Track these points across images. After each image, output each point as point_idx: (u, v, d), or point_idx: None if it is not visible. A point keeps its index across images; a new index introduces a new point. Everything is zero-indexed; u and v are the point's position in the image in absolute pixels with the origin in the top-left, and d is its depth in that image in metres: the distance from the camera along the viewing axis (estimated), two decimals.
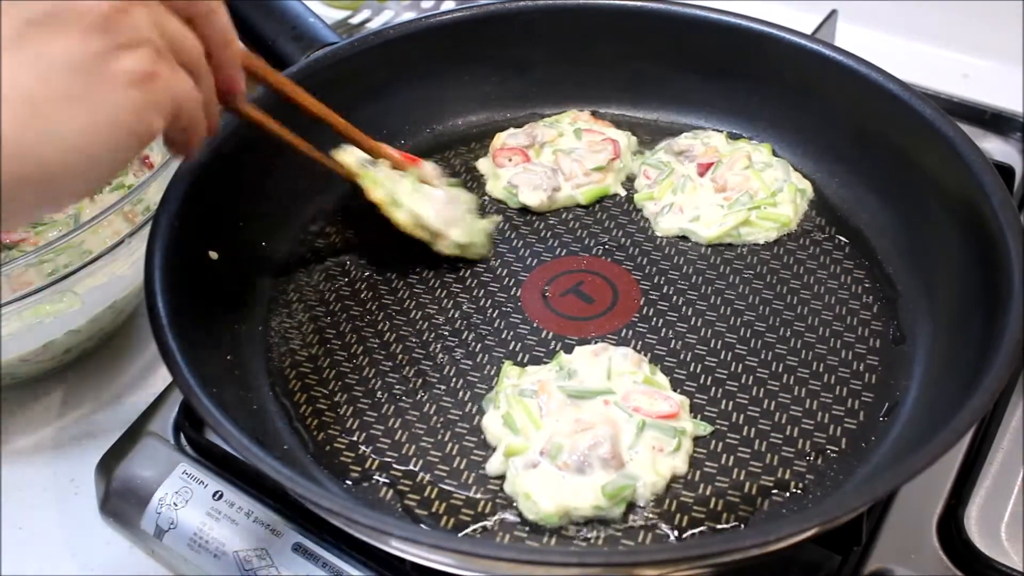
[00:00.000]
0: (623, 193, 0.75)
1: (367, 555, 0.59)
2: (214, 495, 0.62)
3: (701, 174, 0.73)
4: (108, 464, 0.65)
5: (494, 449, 0.57)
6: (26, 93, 0.40)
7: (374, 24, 1.07)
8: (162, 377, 0.75)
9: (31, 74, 0.40)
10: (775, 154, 0.75)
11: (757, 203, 0.70)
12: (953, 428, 0.47)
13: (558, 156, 0.74)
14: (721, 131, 0.77)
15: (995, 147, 0.85)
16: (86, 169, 0.42)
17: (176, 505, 0.61)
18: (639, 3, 0.77)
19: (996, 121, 0.87)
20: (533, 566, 0.45)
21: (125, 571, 0.65)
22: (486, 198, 0.75)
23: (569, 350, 0.62)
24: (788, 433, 0.58)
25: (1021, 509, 0.59)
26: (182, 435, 0.66)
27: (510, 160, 0.75)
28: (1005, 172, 0.75)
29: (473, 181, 0.76)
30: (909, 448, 0.54)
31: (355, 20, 1.08)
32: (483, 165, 0.77)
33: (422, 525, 0.54)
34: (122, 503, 0.63)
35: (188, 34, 0.47)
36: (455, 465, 0.57)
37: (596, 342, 0.63)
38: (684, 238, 0.71)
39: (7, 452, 0.72)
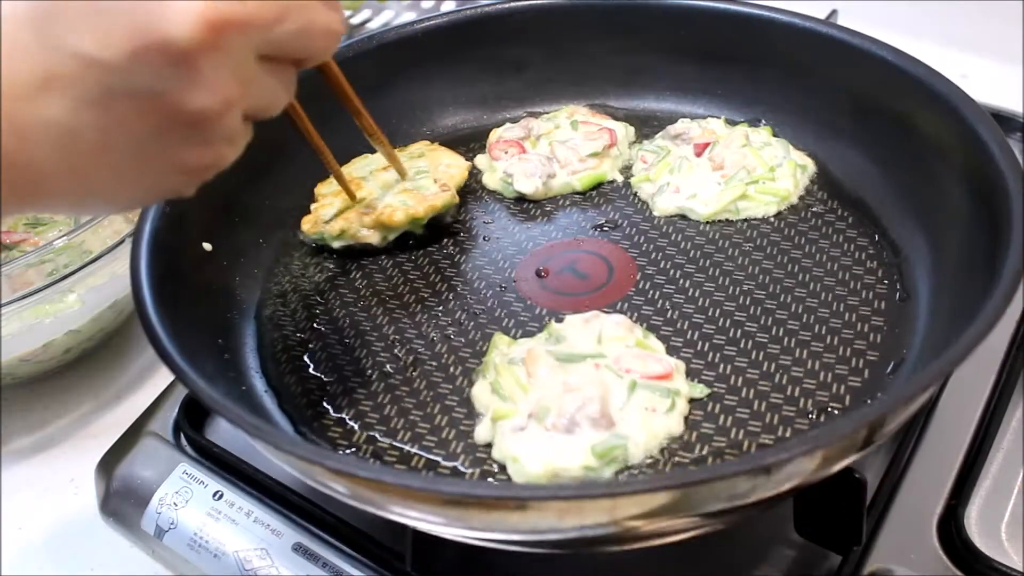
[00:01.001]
0: (620, 179, 0.74)
1: (367, 555, 0.59)
2: (214, 495, 0.62)
3: (698, 154, 0.72)
4: (108, 464, 0.65)
5: (483, 419, 0.56)
6: (79, 158, 0.38)
7: (374, 24, 1.08)
8: (162, 377, 0.75)
9: (93, 142, 0.38)
10: (775, 135, 0.74)
11: (755, 178, 0.69)
12: (958, 348, 0.46)
13: (553, 146, 0.74)
14: (719, 117, 0.77)
15: None
16: (106, 209, 0.46)
17: (176, 505, 0.61)
18: None
19: (996, 121, 0.87)
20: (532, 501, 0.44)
21: (125, 571, 0.65)
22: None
23: (561, 321, 0.61)
24: (789, 393, 0.56)
25: (1021, 509, 0.58)
26: (182, 435, 0.66)
27: (506, 152, 0.75)
28: None
29: (471, 178, 0.76)
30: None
31: (355, 20, 1.08)
32: (480, 161, 0.77)
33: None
34: (122, 503, 0.63)
35: (277, 95, 0.45)
36: (443, 436, 0.56)
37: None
38: (682, 217, 0.70)
39: (7, 452, 0.73)
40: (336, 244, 0.68)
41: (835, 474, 0.53)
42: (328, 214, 0.69)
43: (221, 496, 0.61)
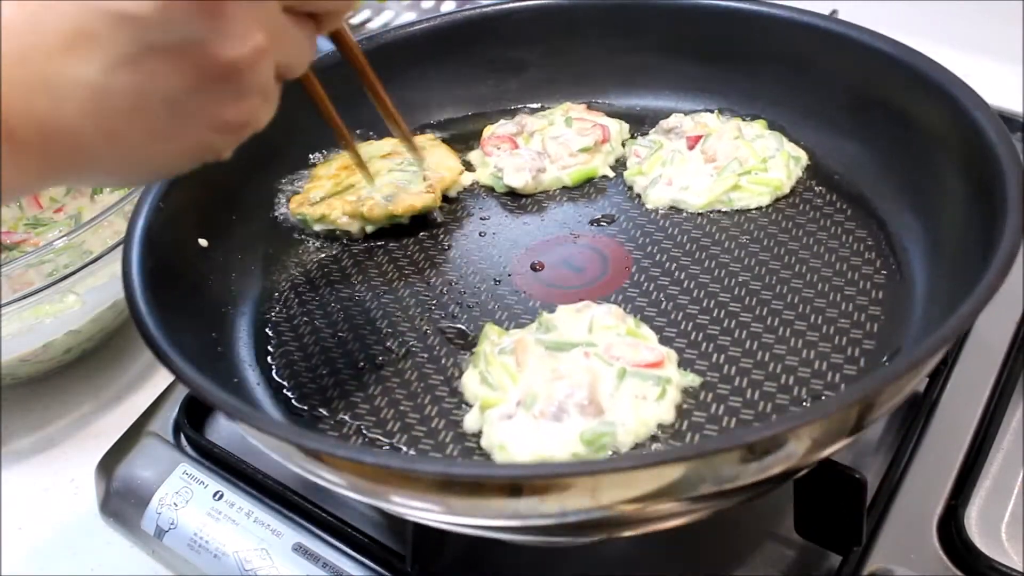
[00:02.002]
0: (612, 175, 0.74)
1: (367, 555, 0.59)
2: (214, 495, 0.62)
3: (691, 147, 0.72)
4: (108, 464, 0.65)
5: (472, 407, 0.56)
6: (113, 119, 0.38)
7: (374, 24, 1.07)
8: (162, 377, 0.75)
9: (127, 101, 0.38)
10: (769, 127, 0.74)
11: (747, 169, 0.69)
12: (952, 323, 0.46)
13: (545, 141, 0.74)
14: (712, 110, 0.77)
15: None
16: (144, 175, 0.45)
17: (176, 505, 0.61)
18: None
19: None
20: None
21: (125, 571, 0.65)
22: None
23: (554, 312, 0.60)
24: (783, 382, 0.56)
25: (1021, 509, 0.58)
26: (182, 435, 0.66)
27: (498, 148, 0.75)
28: None
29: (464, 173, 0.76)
30: None
31: (355, 20, 1.08)
32: (474, 156, 0.77)
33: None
34: (122, 503, 0.63)
35: (303, 49, 0.45)
36: (433, 425, 0.56)
37: None
38: (676, 209, 0.70)
39: (7, 452, 0.73)
40: (316, 227, 0.70)
41: (835, 472, 0.53)
42: (316, 196, 0.70)
43: (221, 496, 0.61)
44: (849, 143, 0.71)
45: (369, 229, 0.70)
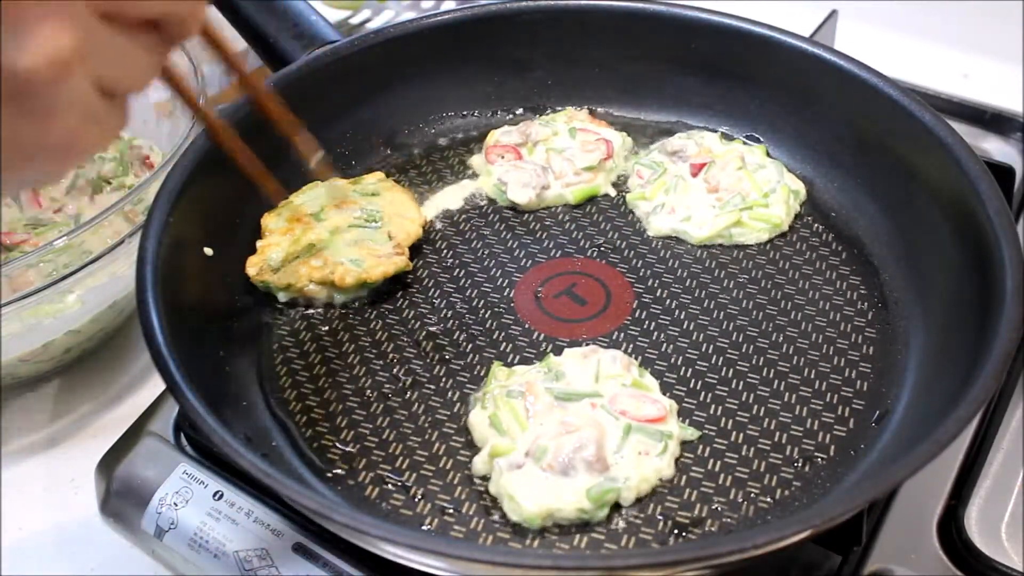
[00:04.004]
0: (613, 193, 0.74)
1: (367, 555, 0.59)
2: (214, 495, 0.62)
3: (694, 175, 0.72)
4: (108, 464, 0.65)
5: (480, 449, 0.57)
6: None
7: (374, 24, 1.07)
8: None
9: None
10: (769, 155, 0.74)
11: (749, 204, 0.70)
12: (935, 439, 0.47)
13: (550, 155, 0.74)
14: (716, 131, 0.77)
15: (995, 147, 0.85)
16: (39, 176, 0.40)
17: (176, 505, 0.61)
18: (639, 5, 0.77)
19: (996, 121, 0.87)
20: (508, 568, 0.45)
21: (125, 571, 0.65)
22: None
23: (559, 352, 0.62)
24: (776, 439, 0.58)
25: (1021, 509, 0.59)
26: (182, 435, 0.66)
27: (502, 157, 0.75)
28: (1005, 173, 0.75)
29: (466, 180, 0.76)
30: (897, 457, 0.54)
31: (355, 20, 1.08)
32: (476, 161, 0.77)
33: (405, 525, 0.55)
34: (122, 503, 0.63)
35: (134, 61, 0.40)
36: (441, 465, 0.57)
37: (587, 344, 0.63)
38: (676, 238, 0.71)
39: (7, 452, 0.72)
40: (281, 296, 0.66)
41: None
42: (275, 257, 0.66)
43: (221, 496, 0.61)
44: (848, 180, 0.73)
45: (339, 298, 0.66)
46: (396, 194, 0.71)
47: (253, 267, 0.66)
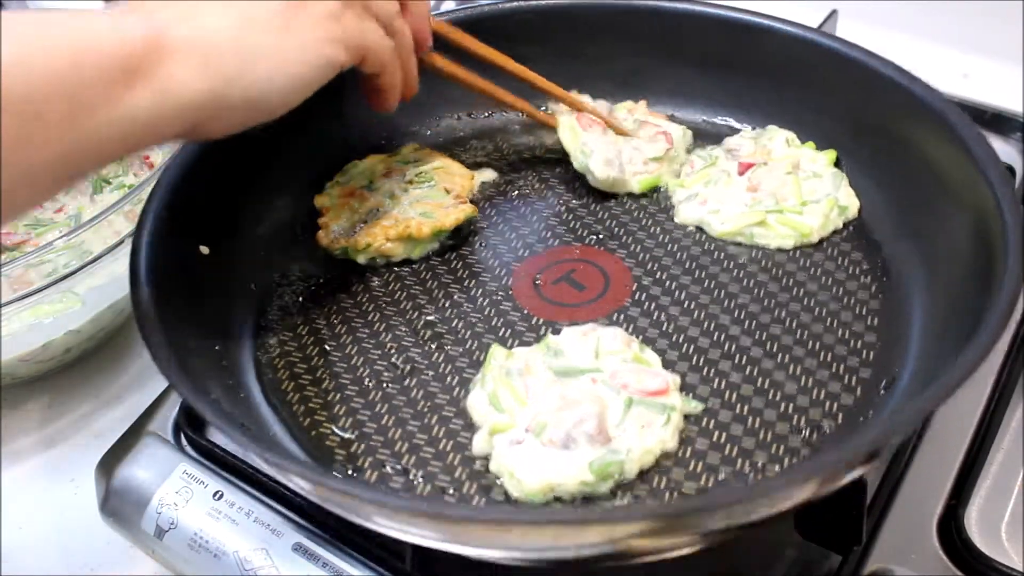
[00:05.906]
0: (672, 185, 0.73)
1: (367, 555, 0.59)
2: (214, 495, 0.62)
3: (740, 173, 0.71)
4: (108, 464, 0.65)
5: (479, 430, 0.56)
6: (231, 37, 0.48)
7: None
8: (162, 377, 0.75)
9: (234, 22, 0.49)
10: (838, 164, 0.72)
11: (780, 208, 0.68)
12: (944, 383, 0.47)
13: (620, 142, 0.74)
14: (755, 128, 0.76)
15: (995, 147, 0.85)
16: (283, 86, 0.51)
17: (176, 505, 0.61)
18: (639, 4, 0.77)
19: (996, 121, 0.86)
20: (505, 527, 0.45)
21: (125, 571, 0.65)
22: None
23: (558, 333, 0.61)
24: (783, 410, 0.57)
25: (1021, 509, 0.58)
26: (182, 435, 0.66)
27: (592, 126, 0.73)
28: None
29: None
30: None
31: None
32: (564, 120, 0.74)
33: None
34: (122, 503, 0.63)
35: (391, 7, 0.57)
36: (441, 447, 0.56)
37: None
38: (698, 229, 0.70)
39: (7, 452, 0.73)
40: (361, 259, 0.68)
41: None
42: (341, 227, 0.68)
43: (221, 496, 0.61)
44: (849, 162, 0.72)
45: (415, 251, 0.68)
46: (436, 158, 0.73)
47: (324, 237, 0.68)
